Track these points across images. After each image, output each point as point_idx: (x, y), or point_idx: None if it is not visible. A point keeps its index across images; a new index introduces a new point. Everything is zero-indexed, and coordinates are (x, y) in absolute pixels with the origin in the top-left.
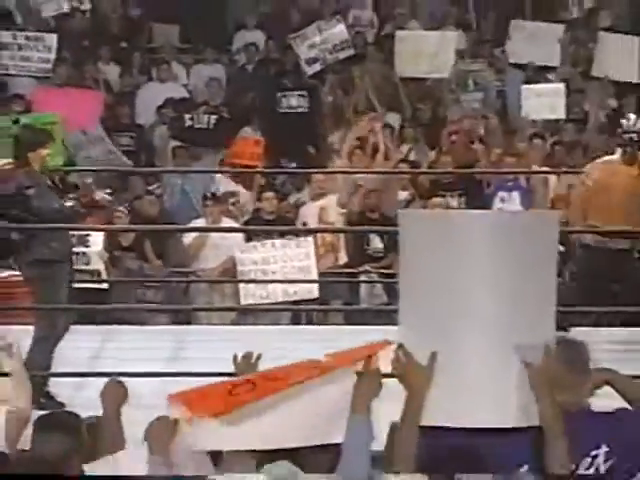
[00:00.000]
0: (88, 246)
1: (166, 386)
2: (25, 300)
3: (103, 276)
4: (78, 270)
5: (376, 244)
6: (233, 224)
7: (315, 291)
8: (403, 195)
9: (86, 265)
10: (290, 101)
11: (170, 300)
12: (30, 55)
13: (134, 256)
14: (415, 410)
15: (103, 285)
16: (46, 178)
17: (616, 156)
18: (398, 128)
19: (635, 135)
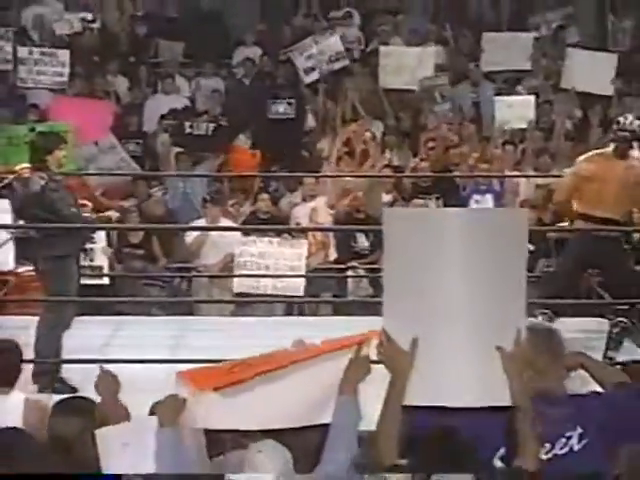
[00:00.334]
0: (94, 242)
1: (170, 372)
2: (40, 293)
3: (105, 272)
4: (82, 266)
5: (362, 242)
6: (231, 224)
7: (301, 289)
8: (387, 198)
9: (91, 261)
10: (279, 108)
11: (174, 293)
12: (45, 69)
13: (142, 253)
14: (398, 392)
15: (104, 280)
16: (63, 179)
17: (609, 150)
18: (381, 135)
19: (628, 134)
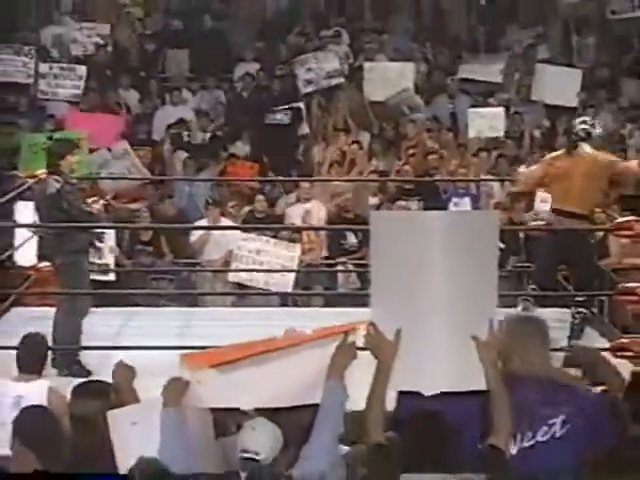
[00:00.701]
0: (102, 241)
1: (176, 358)
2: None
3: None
4: (91, 262)
5: (351, 240)
6: (231, 224)
7: (290, 285)
8: (373, 200)
9: (99, 259)
10: (276, 115)
11: (180, 286)
12: (64, 83)
13: (151, 250)
14: (383, 377)
15: (110, 276)
16: (77, 182)
17: (573, 149)
18: (368, 144)
19: (585, 134)
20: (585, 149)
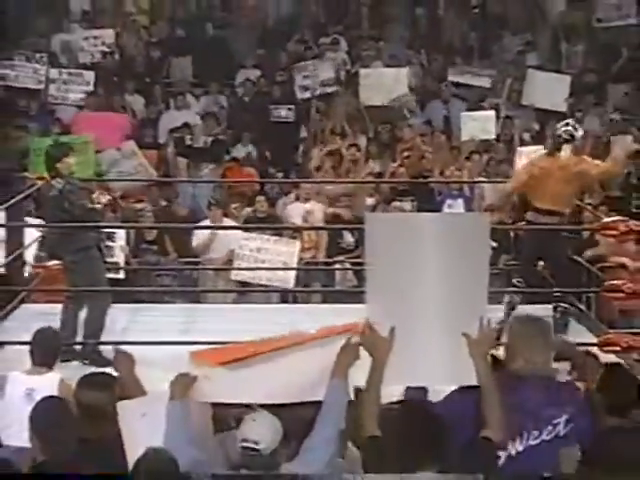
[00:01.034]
0: (114, 241)
1: (180, 352)
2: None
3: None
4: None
5: (348, 239)
6: (233, 223)
7: (291, 281)
8: (370, 201)
9: (111, 257)
10: (280, 113)
11: (184, 284)
12: (72, 88)
13: (156, 249)
14: (378, 374)
15: (120, 274)
16: (78, 183)
17: (554, 151)
18: (365, 147)
19: (569, 136)
20: (567, 152)
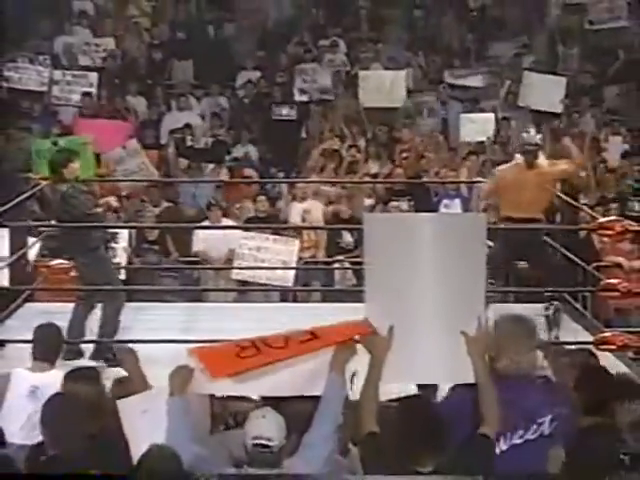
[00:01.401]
0: (117, 242)
1: (182, 351)
2: (69, 283)
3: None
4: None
5: (347, 239)
6: (233, 223)
7: (290, 280)
8: (368, 201)
9: (113, 258)
10: (282, 111)
11: (186, 283)
12: (76, 89)
13: (157, 248)
14: (376, 372)
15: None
16: (82, 187)
17: (520, 161)
18: (364, 148)
19: (532, 146)
20: (539, 160)
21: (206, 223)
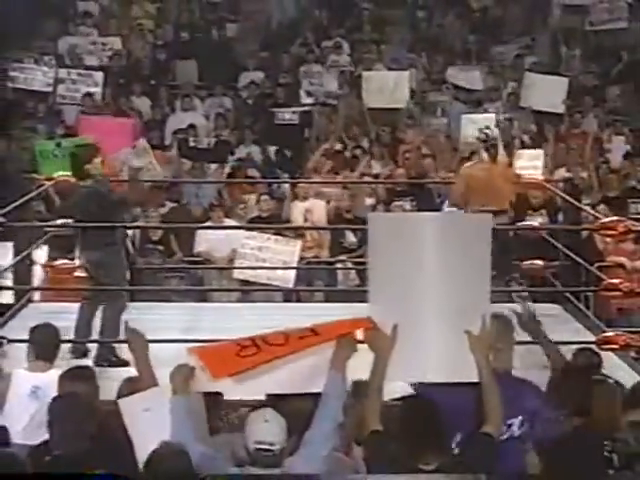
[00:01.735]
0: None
1: (185, 351)
2: (72, 283)
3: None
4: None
5: (350, 239)
6: (235, 223)
7: (292, 280)
8: (369, 201)
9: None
10: (285, 116)
11: (189, 283)
12: (81, 88)
13: (161, 249)
14: (381, 370)
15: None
16: (107, 180)
17: (483, 157)
18: (368, 148)
19: (495, 141)
20: (500, 155)
21: (209, 224)
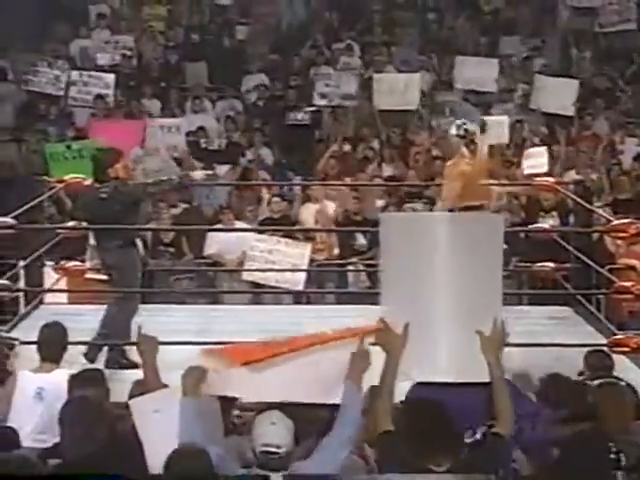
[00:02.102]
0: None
1: (196, 353)
2: (84, 285)
3: None
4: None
5: (361, 241)
6: (245, 226)
7: (301, 283)
8: (379, 203)
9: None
10: (297, 116)
11: (201, 285)
12: (93, 90)
13: (172, 251)
14: (392, 370)
15: None
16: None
17: (464, 153)
18: (378, 150)
19: (475, 136)
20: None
21: (219, 226)
